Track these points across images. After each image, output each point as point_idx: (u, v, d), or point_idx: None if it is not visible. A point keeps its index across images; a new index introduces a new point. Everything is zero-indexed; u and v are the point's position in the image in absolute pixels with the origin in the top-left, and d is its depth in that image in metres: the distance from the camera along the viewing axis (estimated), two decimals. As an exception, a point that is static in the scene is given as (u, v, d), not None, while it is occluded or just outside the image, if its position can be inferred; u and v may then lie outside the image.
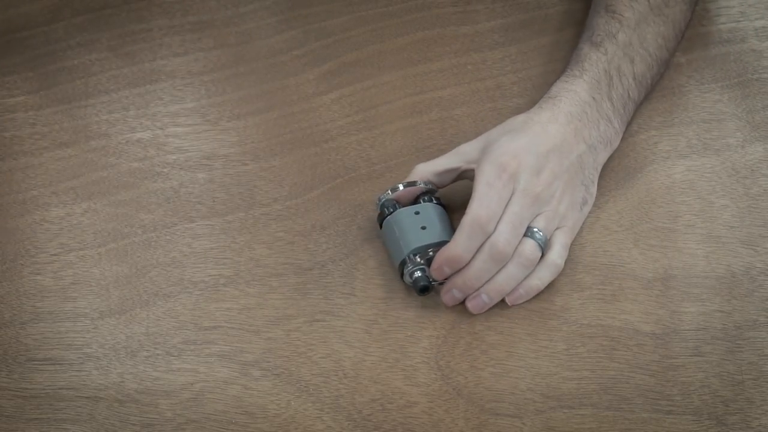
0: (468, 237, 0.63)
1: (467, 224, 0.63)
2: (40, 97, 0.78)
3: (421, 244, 0.65)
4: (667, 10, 0.75)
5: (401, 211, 0.67)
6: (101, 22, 0.83)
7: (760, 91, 0.79)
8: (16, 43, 0.82)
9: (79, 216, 0.71)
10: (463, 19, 0.85)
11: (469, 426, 0.61)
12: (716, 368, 0.63)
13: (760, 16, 0.85)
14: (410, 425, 0.61)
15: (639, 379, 0.63)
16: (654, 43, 0.74)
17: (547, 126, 0.67)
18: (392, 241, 0.66)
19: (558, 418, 0.61)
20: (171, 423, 0.61)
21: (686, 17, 0.77)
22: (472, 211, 0.63)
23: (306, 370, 0.63)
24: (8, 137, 0.76)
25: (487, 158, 0.65)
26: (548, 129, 0.67)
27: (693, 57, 0.80)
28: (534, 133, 0.67)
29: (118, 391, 0.62)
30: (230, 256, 0.69)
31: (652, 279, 0.68)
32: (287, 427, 0.61)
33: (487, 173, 0.64)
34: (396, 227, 0.66)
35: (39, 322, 0.65)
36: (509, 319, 0.66)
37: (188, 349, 0.64)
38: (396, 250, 0.66)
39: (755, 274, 0.68)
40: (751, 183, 0.73)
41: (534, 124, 0.68)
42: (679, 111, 0.77)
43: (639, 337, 0.65)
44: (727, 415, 0.61)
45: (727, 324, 0.65)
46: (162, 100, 0.78)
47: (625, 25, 0.73)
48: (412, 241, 0.65)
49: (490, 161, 0.65)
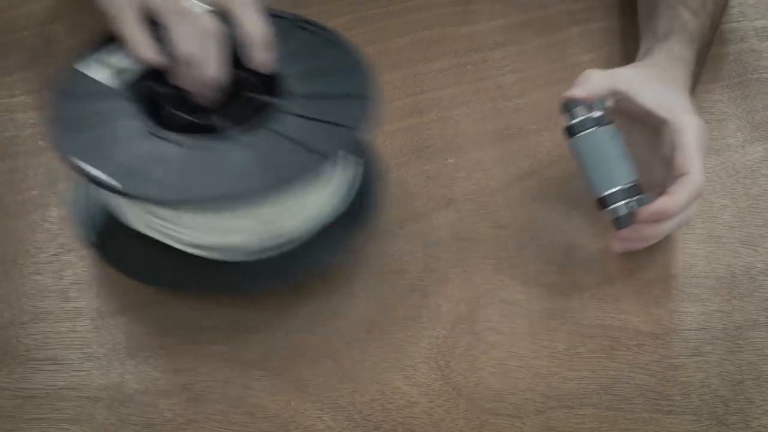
0: (685, 201, 0.63)
1: (692, 190, 0.63)
2: (40, 97, 0.78)
3: (634, 178, 0.65)
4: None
5: (612, 129, 0.65)
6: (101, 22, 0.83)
7: (760, 91, 0.79)
8: (16, 43, 0.82)
9: (79, 216, 0.71)
10: (463, 19, 0.85)
11: (469, 426, 0.61)
12: (716, 368, 0.63)
13: (760, 16, 0.85)
14: (410, 425, 0.61)
15: (639, 379, 0.63)
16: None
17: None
18: (601, 160, 0.65)
19: (558, 418, 0.61)
20: (171, 423, 0.61)
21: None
22: (698, 179, 0.64)
23: (306, 370, 0.63)
24: (8, 137, 0.76)
25: (696, 121, 0.66)
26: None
27: (693, 57, 0.80)
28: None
29: (118, 391, 0.62)
30: (230, 256, 0.69)
31: (652, 279, 0.68)
32: (287, 427, 0.61)
33: (699, 139, 0.65)
34: (609, 148, 0.65)
35: (39, 322, 0.65)
36: (509, 319, 0.66)
37: (188, 349, 0.64)
38: (606, 172, 0.65)
39: (755, 274, 0.68)
40: (751, 183, 0.73)
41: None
42: (679, 111, 0.77)
43: (639, 337, 0.65)
44: (727, 415, 0.61)
45: (727, 324, 0.65)
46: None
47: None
48: (629, 171, 0.65)
49: (701, 126, 0.66)
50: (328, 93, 0.64)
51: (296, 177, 0.59)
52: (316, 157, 0.60)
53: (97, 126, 0.61)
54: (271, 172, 0.59)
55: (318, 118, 0.62)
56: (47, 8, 0.84)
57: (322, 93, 0.64)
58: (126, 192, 0.58)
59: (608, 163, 0.65)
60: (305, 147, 0.61)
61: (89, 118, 0.62)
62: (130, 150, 0.60)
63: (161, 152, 0.60)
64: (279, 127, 0.62)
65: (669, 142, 0.65)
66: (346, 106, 0.63)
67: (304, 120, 0.62)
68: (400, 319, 0.66)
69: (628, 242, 0.66)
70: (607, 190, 0.64)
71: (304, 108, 0.63)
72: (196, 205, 0.60)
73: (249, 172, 0.59)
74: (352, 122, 0.62)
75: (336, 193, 0.66)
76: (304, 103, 0.63)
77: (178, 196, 0.58)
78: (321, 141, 0.61)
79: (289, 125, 0.62)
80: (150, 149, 0.60)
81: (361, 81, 0.65)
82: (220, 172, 0.59)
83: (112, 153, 0.60)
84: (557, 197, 0.73)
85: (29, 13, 0.85)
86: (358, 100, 0.64)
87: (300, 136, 0.61)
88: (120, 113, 0.62)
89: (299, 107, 0.63)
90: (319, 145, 0.60)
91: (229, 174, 0.59)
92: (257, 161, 0.60)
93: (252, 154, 0.60)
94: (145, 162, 0.59)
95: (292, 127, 0.62)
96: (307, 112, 0.63)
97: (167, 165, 0.59)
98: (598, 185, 0.65)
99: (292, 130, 0.62)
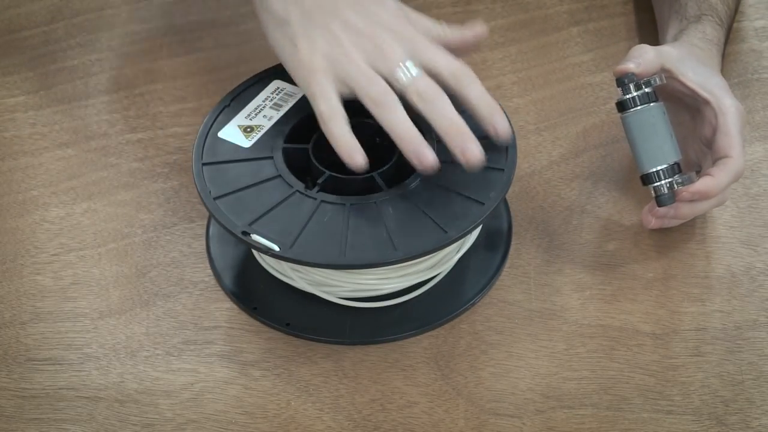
0: (726, 184, 0.65)
1: (734, 173, 0.65)
2: (40, 97, 0.78)
3: (679, 157, 0.66)
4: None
5: (662, 107, 0.66)
6: (101, 22, 0.84)
7: (760, 91, 0.79)
8: (16, 43, 0.82)
9: (79, 216, 0.71)
10: (463, 19, 0.85)
11: (469, 426, 0.61)
12: (716, 368, 0.63)
13: (760, 16, 0.85)
14: (410, 425, 0.61)
15: (639, 379, 0.62)
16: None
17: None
18: (650, 136, 0.65)
19: (558, 418, 0.61)
20: (171, 423, 0.61)
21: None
22: (739, 163, 0.65)
23: (306, 370, 0.63)
24: (8, 137, 0.76)
25: (736, 104, 0.67)
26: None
27: (693, 57, 0.80)
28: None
29: (118, 391, 0.62)
30: (230, 256, 0.69)
31: (652, 279, 0.68)
32: (287, 427, 0.61)
33: (740, 122, 0.66)
34: (659, 125, 0.65)
35: (39, 322, 0.65)
36: (509, 319, 0.66)
37: (188, 349, 0.64)
38: (653, 149, 0.65)
39: (755, 274, 0.68)
40: (751, 183, 0.73)
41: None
42: (679, 111, 0.77)
43: (639, 337, 0.65)
44: (727, 415, 0.61)
45: (727, 324, 0.65)
46: (162, 100, 0.78)
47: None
48: (674, 150, 0.65)
49: (741, 110, 0.67)
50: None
51: (463, 232, 0.60)
52: (477, 206, 0.61)
53: (251, 190, 0.62)
54: (437, 227, 0.60)
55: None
56: (47, 8, 0.84)
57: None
58: (310, 262, 0.59)
59: (656, 141, 0.65)
60: (464, 196, 0.61)
61: (240, 182, 0.62)
62: (290, 212, 0.61)
63: (323, 213, 0.61)
64: (432, 178, 0.62)
65: (710, 123, 0.66)
66: (487, 147, 0.62)
67: (453, 166, 0.62)
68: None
69: (664, 219, 0.68)
70: (654, 167, 0.65)
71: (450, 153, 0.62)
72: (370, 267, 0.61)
73: (415, 227, 0.60)
74: (498, 164, 0.63)
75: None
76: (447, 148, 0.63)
77: (354, 261, 0.59)
78: (477, 188, 0.62)
79: (441, 174, 0.62)
80: (309, 210, 0.61)
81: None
82: (383, 230, 0.60)
83: (277, 219, 0.60)
84: (557, 197, 0.73)
85: (29, 13, 0.85)
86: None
87: (454, 184, 0.62)
88: (268, 176, 0.63)
89: (447, 153, 0.62)
90: (477, 193, 0.61)
91: (394, 231, 0.60)
92: (421, 214, 0.61)
93: (414, 207, 0.61)
94: (308, 224, 0.60)
95: (444, 175, 0.62)
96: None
97: (333, 226, 0.60)
98: (645, 161, 0.66)
99: (446, 178, 0.62)
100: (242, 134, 0.65)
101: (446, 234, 0.59)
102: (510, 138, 0.63)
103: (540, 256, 0.69)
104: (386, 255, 0.59)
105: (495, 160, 0.63)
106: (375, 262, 0.60)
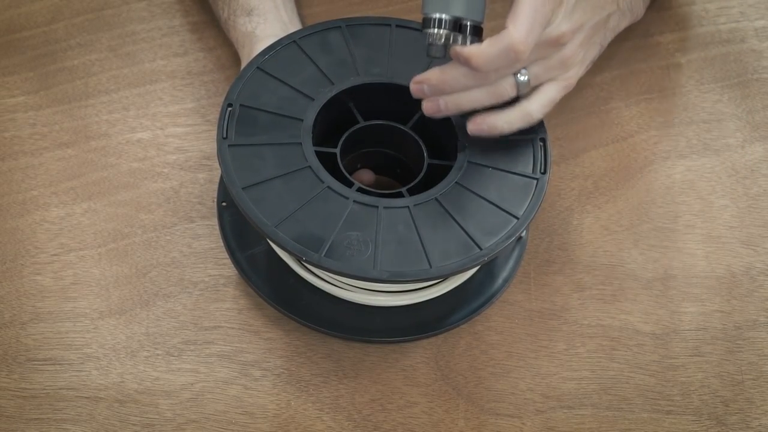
0: (494, 57, 0.58)
1: (504, 46, 0.58)
2: (40, 97, 0.78)
3: (477, 20, 0.59)
4: None
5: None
6: (101, 22, 0.83)
7: (760, 91, 0.79)
8: (16, 43, 0.82)
9: (79, 216, 0.71)
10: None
11: (469, 426, 0.61)
12: (716, 368, 0.63)
13: (760, 16, 0.85)
14: (410, 425, 0.61)
15: (639, 379, 0.63)
16: None
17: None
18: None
19: (558, 418, 0.61)
20: (171, 423, 0.61)
21: None
22: (514, 37, 0.58)
23: (306, 370, 0.63)
24: (8, 137, 0.76)
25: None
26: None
27: (693, 57, 0.80)
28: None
29: (118, 391, 0.62)
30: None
31: (652, 279, 0.68)
32: (287, 427, 0.61)
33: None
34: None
35: (39, 322, 0.65)
36: (509, 319, 0.66)
37: (188, 349, 0.64)
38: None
39: (755, 274, 0.68)
40: (751, 183, 0.73)
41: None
42: (679, 111, 0.77)
43: (639, 337, 0.65)
44: (727, 415, 0.61)
45: (727, 324, 0.65)
46: (162, 100, 0.78)
47: None
48: (474, 9, 0.59)
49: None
50: (499, 139, 0.63)
51: (496, 250, 0.58)
52: (512, 221, 0.59)
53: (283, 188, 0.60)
54: (471, 241, 0.58)
55: (500, 167, 0.62)
56: (47, 8, 0.84)
57: (494, 140, 0.63)
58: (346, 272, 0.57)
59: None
60: (499, 208, 0.60)
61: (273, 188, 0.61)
62: (320, 211, 0.59)
63: (357, 213, 0.59)
64: (464, 182, 0.61)
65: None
66: (515, 150, 0.61)
67: (487, 170, 0.61)
68: (400, 319, 0.66)
69: (430, 102, 0.61)
70: (436, 12, 0.58)
71: (484, 158, 0.62)
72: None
73: (448, 239, 0.58)
74: (524, 170, 0.62)
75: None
76: (480, 154, 0.62)
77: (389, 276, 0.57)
78: (511, 199, 0.60)
79: (474, 179, 0.61)
80: (339, 209, 0.59)
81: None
82: (416, 239, 0.58)
83: (305, 218, 0.59)
84: (556, 197, 0.73)
85: (29, 13, 0.85)
86: (526, 140, 0.63)
87: (488, 193, 0.61)
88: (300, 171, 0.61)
89: (478, 157, 0.62)
90: (512, 206, 0.60)
91: (428, 241, 0.58)
92: (456, 223, 0.59)
93: (450, 216, 0.60)
94: (340, 222, 0.59)
95: (477, 181, 0.61)
96: (487, 162, 0.62)
97: (365, 230, 0.59)
98: (429, 3, 0.59)
99: (478, 184, 0.61)
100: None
101: (480, 251, 0.58)
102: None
103: (540, 256, 0.69)
104: (420, 273, 0.57)
105: (524, 164, 0.62)
106: (409, 278, 0.57)
